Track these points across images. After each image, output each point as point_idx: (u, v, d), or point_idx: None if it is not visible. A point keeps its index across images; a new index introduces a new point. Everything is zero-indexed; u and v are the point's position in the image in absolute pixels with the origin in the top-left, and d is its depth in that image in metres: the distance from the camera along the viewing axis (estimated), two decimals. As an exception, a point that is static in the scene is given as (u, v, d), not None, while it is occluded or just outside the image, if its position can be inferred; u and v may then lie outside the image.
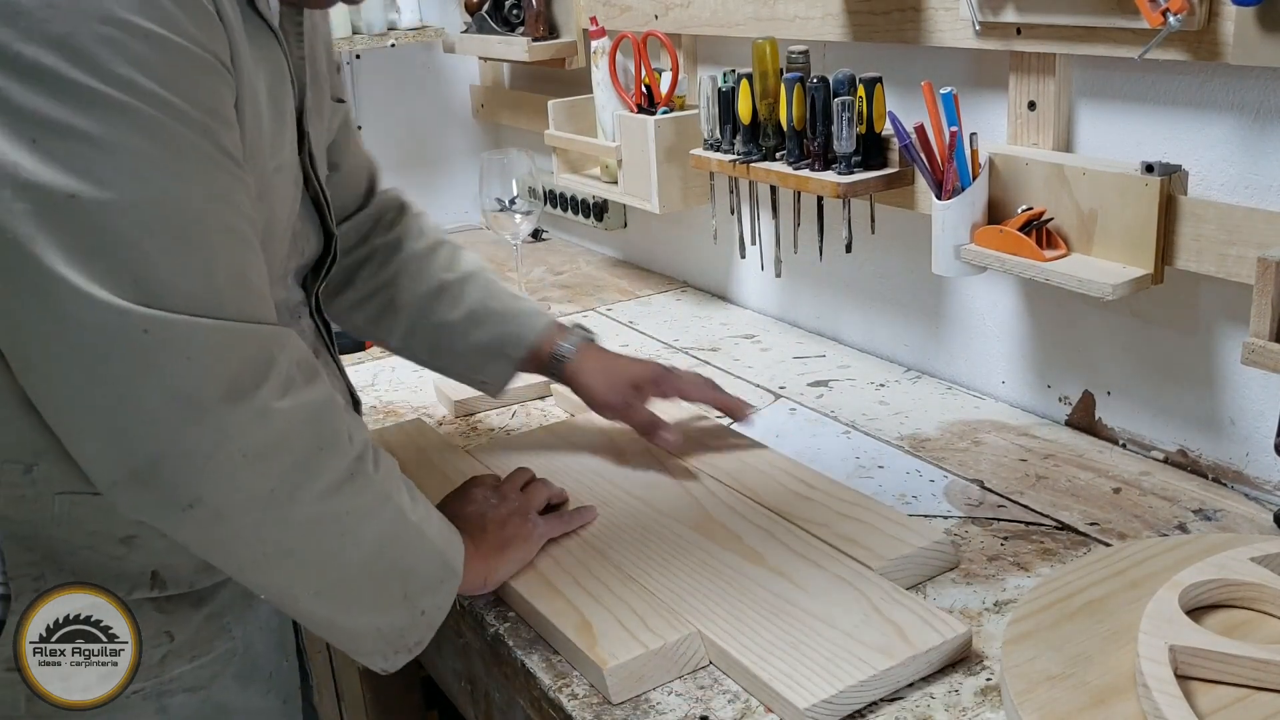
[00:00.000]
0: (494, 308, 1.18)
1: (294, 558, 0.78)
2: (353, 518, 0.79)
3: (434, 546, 0.86)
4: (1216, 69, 1.04)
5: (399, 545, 0.83)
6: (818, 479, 1.13)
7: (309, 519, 0.77)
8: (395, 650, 0.86)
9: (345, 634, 0.85)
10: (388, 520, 0.82)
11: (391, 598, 0.84)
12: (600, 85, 1.69)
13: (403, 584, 0.84)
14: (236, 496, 0.73)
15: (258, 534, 0.76)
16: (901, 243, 1.44)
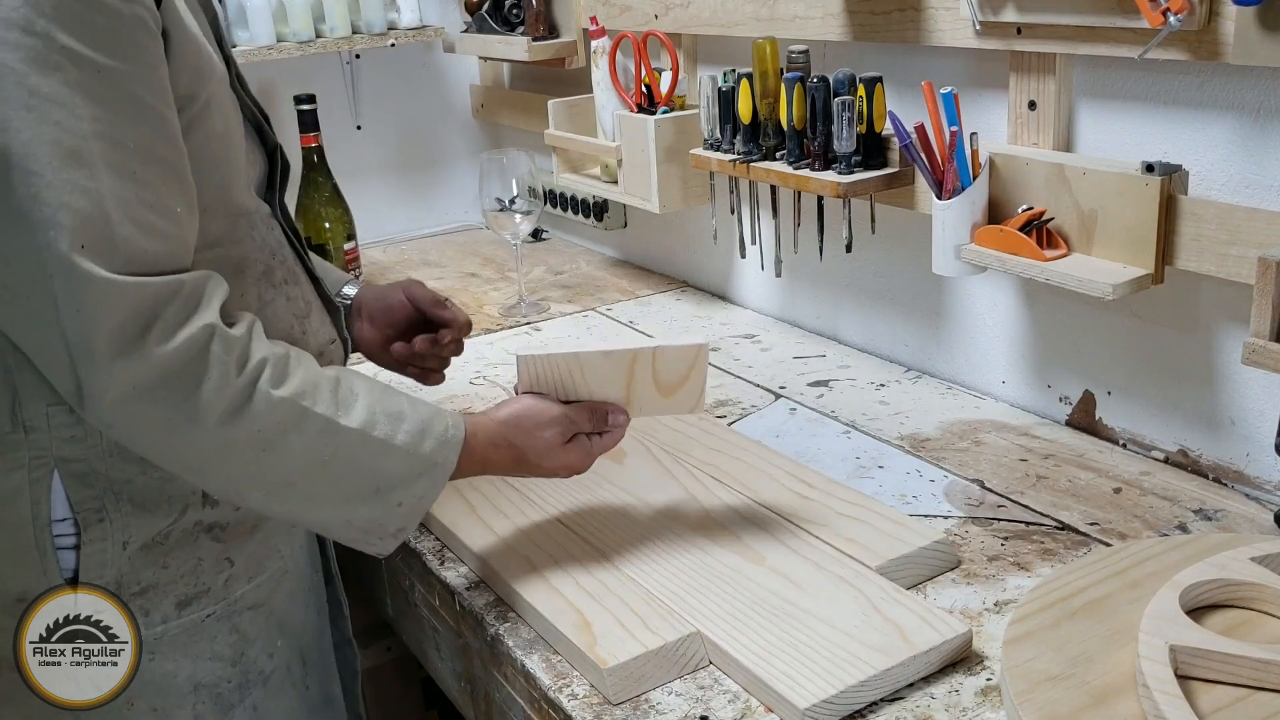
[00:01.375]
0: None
1: (222, 471, 0.84)
2: (267, 435, 0.83)
3: (391, 445, 0.88)
4: (1216, 69, 1.04)
5: (342, 450, 0.86)
6: (818, 479, 1.13)
7: (220, 443, 0.82)
8: (378, 538, 0.91)
9: (316, 526, 0.94)
10: (315, 433, 0.85)
11: (356, 494, 0.88)
12: (600, 85, 1.69)
13: (368, 481, 0.88)
14: (140, 426, 0.80)
15: (175, 455, 0.82)
16: (901, 243, 1.44)
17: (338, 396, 0.87)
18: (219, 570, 0.94)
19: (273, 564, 0.99)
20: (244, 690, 0.97)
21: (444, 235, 2.35)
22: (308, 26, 1.94)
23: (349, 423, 0.86)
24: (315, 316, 1.01)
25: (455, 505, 1.13)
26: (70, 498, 0.87)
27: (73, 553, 0.88)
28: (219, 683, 0.96)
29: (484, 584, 1.04)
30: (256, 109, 0.99)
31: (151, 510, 0.90)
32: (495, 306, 1.84)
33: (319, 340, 1.01)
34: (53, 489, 0.87)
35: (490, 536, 1.07)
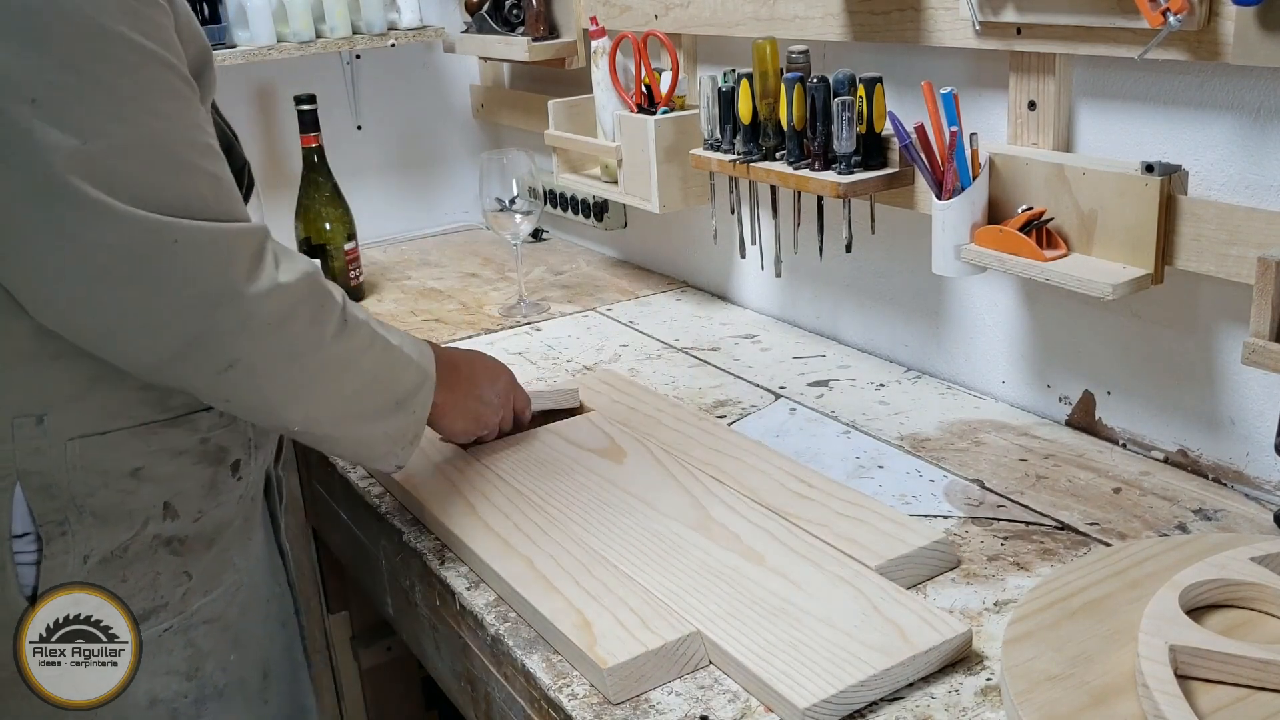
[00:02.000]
0: None
1: (315, 394, 0.93)
2: (352, 354, 0.95)
3: (411, 360, 1.02)
4: (1216, 69, 1.04)
5: (388, 367, 0.99)
6: (818, 479, 1.13)
7: (323, 362, 0.92)
8: (401, 447, 1.03)
9: (361, 444, 1.01)
10: (379, 350, 0.98)
11: (390, 406, 1.00)
12: (600, 85, 1.69)
13: (396, 392, 1.00)
14: (267, 355, 0.88)
15: (287, 381, 0.91)
16: (901, 243, 1.44)
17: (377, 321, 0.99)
18: (177, 584, 0.95)
19: (229, 577, 1.00)
20: (200, 705, 0.98)
21: (444, 235, 2.35)
22: (308, 26, 1.94)
23: (394, 340, 1.00)
24: None
25: (455, 505, 1.13)
26: (33, 511, 0.87)
27: (32, 568, 0.88)
28: (175, 698, 0.96)
29: (484, 584, 1.04)
30: (227, 127, 1.02)
31: (113, 523, 0.90)
32: (495, 306, 1.84)
33: None
34: (14, 502, 0.87)
35: (490, 536, 1.07)
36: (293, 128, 1.91)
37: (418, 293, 1.95)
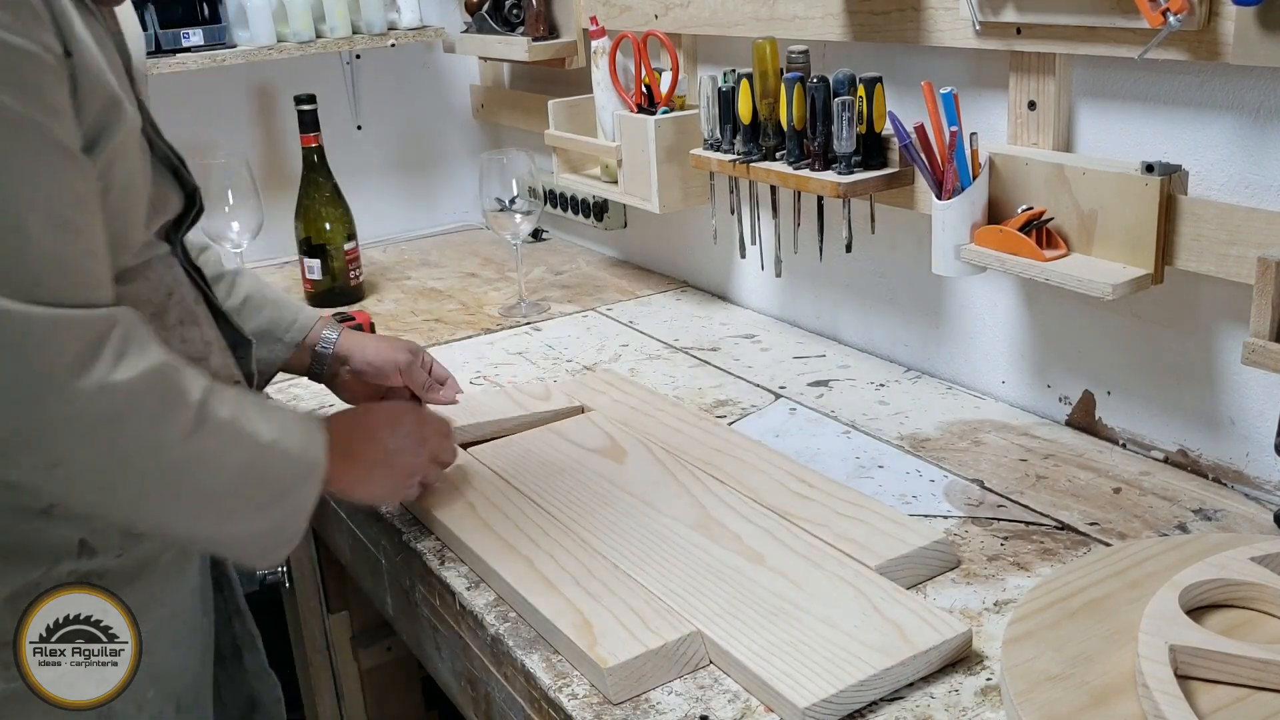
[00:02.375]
0: (268, 295, 1.23)
1: (162, 497, 0.85)
2: (210, 456, 0.86)
3: (292, 455, 0.93)
4: (1216, 69, 1.04)
5: (259, 465, 0.90)
6: (818, 479, 1.13)
7: (168, 466, 0.84)
8: (274, 547, 0.94)
9: (228, 545, 0.94)
10: (245, 449, 0.88)
11: (262, 504, 0.91)
12: (600, 85, 1.69)
13: (273, 490, 0.91)
14: (99, 456, 0.81)
15: (123, 484, 0.83)
16: (901, 243, 1.44)
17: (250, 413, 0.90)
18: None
19: (155, 613, 0.96)
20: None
21: (444, 235, 2.35)
22: (308, 26, 1.95)
23: (266, 438, 0.90)
24: (216, 357, 1.00)
25: (455, 505, 1.14)
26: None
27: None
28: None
29: (484, 584, 1.04)
30: (172, 152, 0.97)
31: (21, 561, 0.88)
32: (495, 306, 1.84)
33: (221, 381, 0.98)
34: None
35: (490, 536, 1.07)
36: (293, 128, 1.91)
37: (418, 293, 1.95)
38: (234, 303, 1.19)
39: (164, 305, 0.94)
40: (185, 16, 1.89)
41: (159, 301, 0.93)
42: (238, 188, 1.72)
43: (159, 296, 0.94)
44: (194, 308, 0.98)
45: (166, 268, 0.96)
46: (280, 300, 1.24)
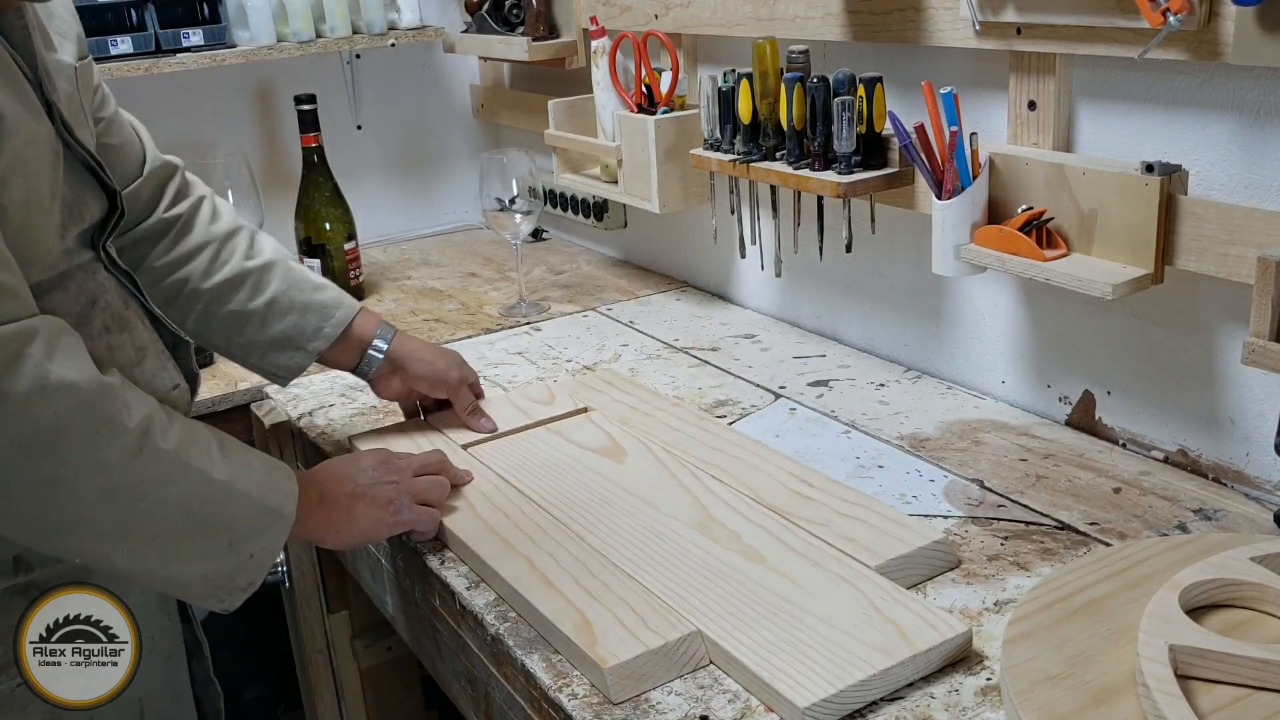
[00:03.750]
0: (296, 299, 1.20)
1: (96, 526, 0.83)
2: (149, 485, 0.84)
3: (249, 497, 0.90)
4: (1216, 69, 1.04)
5: (209, 503, 0.88)
6: (818, 479, 1.13)
7: (102, 492, 0.82)
8: (228, 592, 0.91)
9: (171, 583, 0.91)
10: (189, 483, 0.86)
11: (214, 547, 0.89)
12: (600, 85, 1.69)
13: (225, 533, 0.89)
14: (22, 480, 0.79)
15: (53, 510, 0.81)
16: (901, 243, 1.44)
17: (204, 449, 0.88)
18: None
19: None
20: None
21: (444, 235, 2.35)
22: (308, 26, 1.95)
23: (219, 475, 0.88)
24: (151, 362, 0.98)
25: (455, 505, 1.13)
26: None
27: None
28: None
29: (484, 584, 1.04)
30: (90, 155, 0.94)
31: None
32: (495, 306, 1.84)
33: (155, 388, 0.97)
34: None
35: (490, 536, 1.07)
36: (293, 128, 1.91)
37: (418, 292, 1.95)
38: (257, 305, 1.18)
39: (87, 314, 0.92)
40: (185, 16, 1.90)
41: (79, 311, 0.91)
42: (238, 187, 1.72)
43: (79, 306, 0.91)
44: (123, 313, 0.96)
45: (89, 275, 0.93)
46: (309, 304, 1.20)
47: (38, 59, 0.89)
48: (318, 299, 1.21)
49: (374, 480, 1.06)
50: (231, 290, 1.18)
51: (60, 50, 0.96)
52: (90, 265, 0.94)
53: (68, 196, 0.90)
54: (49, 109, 0.89)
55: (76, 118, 0.95)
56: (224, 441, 0.92)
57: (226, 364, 1.62)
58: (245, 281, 1.18)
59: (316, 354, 1.20)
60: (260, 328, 1.19)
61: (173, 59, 1.84)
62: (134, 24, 1.86)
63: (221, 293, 1.17)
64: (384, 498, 1.06)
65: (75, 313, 0.90)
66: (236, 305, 1.18)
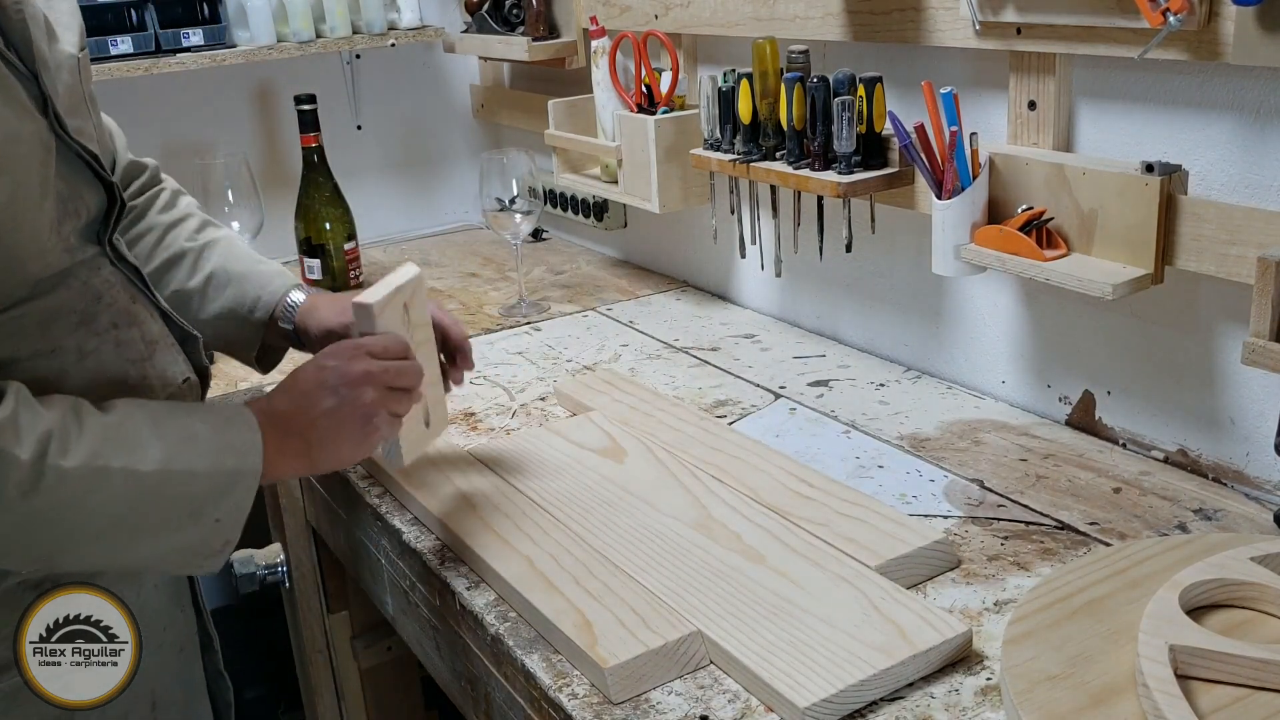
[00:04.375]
0: (234, 270, 1.14)
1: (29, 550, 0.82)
2: (64, 507, 0.81)
3: (193, 473, 0.86)
4: (1216, 69, 1.04)
5: (144, 496, 0.84)
6: (818, 478, 1.13)
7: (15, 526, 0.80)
8: (204, 557, 0.89)
9: (140, 565, 0.90)
10: (114, 486, 0.83)
11: (174, 522, 0.86)
12: (600, 85, 1.69)
13: (180, 509, 0.86)
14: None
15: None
16: (901, 242, 1.44)
17: (129, 442, 0.84)
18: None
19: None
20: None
21: (444, 235, 2.35)
22: (308, 26, 1.95)
23: (148, 466, 0.84)
24: (161, 356, 0.96)
25: (456, 505, 1.14)
26: None
27: None
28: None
29: (484, 584, 1.04)
30: (85, 150, 0.91)
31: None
32: (495, 306, 1.84)
33: (166, 381, 0.96)
34: None
35: (491, 536, 1.07)
36: (293, 128, 1.91)
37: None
38: (196, 283, 1.13)
39: (92, 311, 0.90)
40: (185, 16, 1.90)
41: (84, 308, 0.90)
42: (238, 187, 1.72)
43: (84, 303, 0.90)
44: (130, 308, 0.94)
45: (93, 271, 0.92)
46: (246, 274, 1.15)
47: (34, 50, 0.88)
48: (256, 269, 1.16)
49: (343, 397, 0.94)
50: (171, 269, 1.14)
51: (63, 41, 0.95)
52: (94, 261, 0.93)
53: (62, 191, 0.89)
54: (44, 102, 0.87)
55: (78, 109, 0.93)
56: (161, 419, 0.87)
57: (226, 364, 1.62)
58: (184, 259, 1.14)
59: (262, 325, 1.14)
60: (202, 305, 1.14)
61: (173, 59, 1.84)
62: (134, 24, 1.86)
63: (162, 273, 1.13)
64: (360, 412, 0.95)
65: (80, 309, 0.90)
66: (177, 285, 1.13)
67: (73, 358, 0.88)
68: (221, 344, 1.18)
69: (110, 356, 0.91)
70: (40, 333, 0.86)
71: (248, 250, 1.19)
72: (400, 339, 0.99)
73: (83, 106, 0.95)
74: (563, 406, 1.41)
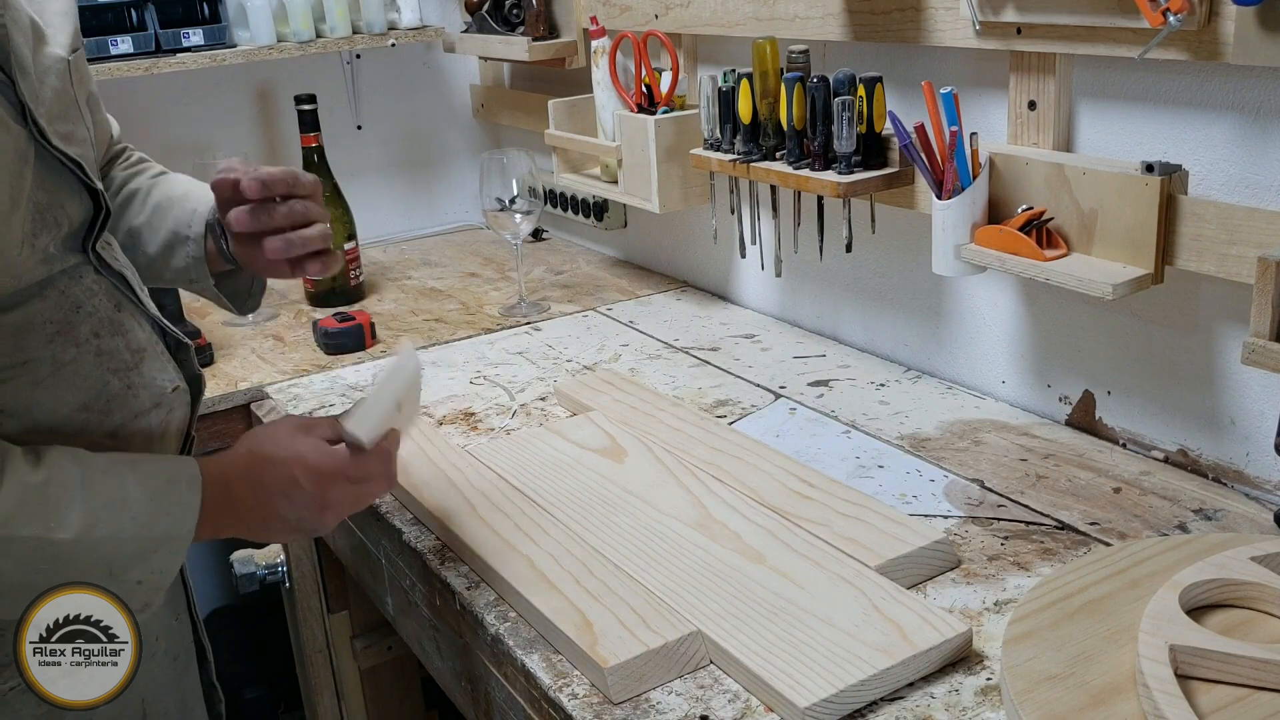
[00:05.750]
0: (174, 194, 1.10)
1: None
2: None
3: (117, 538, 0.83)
4: (1216, 69, 1.04)
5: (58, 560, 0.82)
6: (818, 478, 1.13)
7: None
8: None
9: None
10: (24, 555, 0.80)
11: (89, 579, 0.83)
12: (600, 85, 1.69)
13: (99, 569, 0.83)
14: None
15: None
16: (902, 242, 1.44)
17: (48, 508, 0.81)
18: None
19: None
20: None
21: (444, 235, 2.35)
22: (308, 26, 1.95)
23: (64, 535, 0.81)
24: (150, 364, 0.94)
25: (455, 505, 1.14)
26: None
27: None
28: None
29: (484, 584, 1.04)
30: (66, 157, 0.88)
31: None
32: (495, 306, 1.84)
33: (154, 390, 0.94)
34: None
35: (490, 536, 1.07)
36: (293, 128, 1.91)
37: (418, 292, 1.95)
38: (144, 217, 1.10)
39: (71, 321, 0.88)
40: (185, 16, 1.90)
41: (62, 318, 0.87)
42: (238, 188, 1.72)
43: (61, 313, 0.88)
44: (114, 316, 0.92)
45: (73, 281, 0.89)
46: (186, 194, 1.10)
47: (12, 58, 0.85)
48: (193, 188, 1.11)
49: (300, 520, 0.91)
50: (123, 211, 1.11)
51: (52, 44, 0.92)
52: (76, 270, 0.90)
53: (41, 201, 0.86)
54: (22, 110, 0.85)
55: (66, 114, 0.91)
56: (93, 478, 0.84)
57: (227, 364, 1.62)
58: (135, 197, 1.11)
59: (200, 239, 1.07)
60: (151, 238, 1.09)
61: (173, 59, 1.84)
62: (134, 24, 1.86)
63: (118, 218, 1.10)
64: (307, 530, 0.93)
65: (58, 320, 0.87)
66: (128, 224, 1.10)
67: (46, 369, 0.86)
68: (174, 275, 1.11)
69: (90, 367, 0.88)
70: (11, 345, 0.84)
71: (188, 178, 1.14)
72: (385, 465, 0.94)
73: (73, 110, 0.92)
74: (563, 406, 1.41)
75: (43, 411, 0.86)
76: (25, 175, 0.84)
